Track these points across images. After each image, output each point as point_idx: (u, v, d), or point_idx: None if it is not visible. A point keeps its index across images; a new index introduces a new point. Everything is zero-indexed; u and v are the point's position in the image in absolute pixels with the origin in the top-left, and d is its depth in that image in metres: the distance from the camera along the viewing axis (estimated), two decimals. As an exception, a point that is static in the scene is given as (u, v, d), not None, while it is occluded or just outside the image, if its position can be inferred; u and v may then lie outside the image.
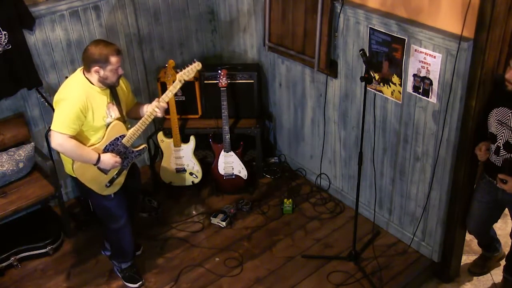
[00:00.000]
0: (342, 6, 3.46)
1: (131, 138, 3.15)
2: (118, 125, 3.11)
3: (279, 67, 4.25)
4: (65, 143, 2.89)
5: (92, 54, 2.90)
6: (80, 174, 3.06)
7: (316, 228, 3.97)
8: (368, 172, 3.82)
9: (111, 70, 2.94)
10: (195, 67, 3.21)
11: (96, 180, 3.12)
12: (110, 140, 3.09)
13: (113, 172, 3.17)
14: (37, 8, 3.65)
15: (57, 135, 2.88)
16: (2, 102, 3.74)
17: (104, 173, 3.13)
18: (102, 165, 3.05)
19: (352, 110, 3.77)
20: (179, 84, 3.19)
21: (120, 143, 3.13)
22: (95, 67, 2.92)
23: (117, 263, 3.57)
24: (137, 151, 3.25)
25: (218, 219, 4.04)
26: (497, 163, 2.97)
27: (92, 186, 3.13)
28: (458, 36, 2.87)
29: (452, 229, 3.46)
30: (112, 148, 3.11)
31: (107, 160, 3.05)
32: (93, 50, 2.91)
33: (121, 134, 3.13)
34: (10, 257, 3.66)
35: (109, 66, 2.92)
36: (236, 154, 4.19)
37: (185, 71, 3.20)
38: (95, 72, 2.94)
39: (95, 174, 3.10)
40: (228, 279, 3.57)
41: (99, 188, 3.16)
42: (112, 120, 3.07)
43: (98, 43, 2.95)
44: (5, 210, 3.57)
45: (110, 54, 2.91)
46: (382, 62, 3.34)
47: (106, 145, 3.08)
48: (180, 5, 4.42)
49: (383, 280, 3.49)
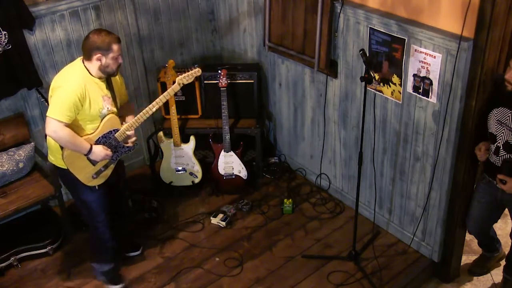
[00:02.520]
0: (342, 6, 3.46)
1: (123, 133, 3.18)
2: (114, 118, 3.13)
3: (279, 67, 4.25)
4: (59, 131, 2.89)
5: (94, 41, 2.92)
6: (69, 162, 3.05)
7: (316, 228, 3.97)
8: (368, 172, 3.82)
9: (112, 57, 2.97)
10: (195, 73, 3.32)
11: (84, 170, 3.12)
12: (103, 132, 3.10)
13: (101, 164, 3.17)
14: (37, 8, 3.65)
15: (53, 122, 2.88)
16: (2, 102, 3.74)
17: (92, 164, 3.14)
18: (93, 156, 3.06)
19: (352, 110, 3.77)
20: (178, 87, 3.29)
21: (112, 136, 3.15)
22: (97, 54, 2.93)
23: (97, 265, 3.50)
24: (127, 147, 3.26)
25: (218, 219, 4.04)
26: (497, 163, 2.97)
27: (79, 175, 3.12)
28: (458, 36, 2.87)
29: (452, 229, 3.46)
30: (104, 141, 3.12)
31: (98, 152, 3.06)
32: (96, 37, 2.93)
33: (115, 128, 3.15)
34: (10, 257, 3.66)
35: (111, 53, 2.95)
36: (236, 154, 4.19)
37: (185, 75, 3.31)
38: (96, 59, 2.95)
39: (84, 164, 3.10)
40: (228, 279, 3.57)
41: (85, 178, 3.15)
42: (107, 112, 3.08)
43: (100, 31, 2.97)
44: (5, 210, 3.58)
45: (112, 41, 2.95)
46: (382, 62, 3.34)
47: (99, 137, 3.09)
48: (180, 5, 4.42)
49: (383, 280, 3.49)
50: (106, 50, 2.93)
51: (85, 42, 2.97)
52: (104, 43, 2.92)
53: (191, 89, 4.26)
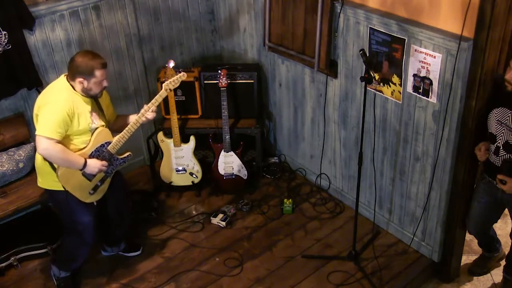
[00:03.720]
0: (342, 6, 3.46)
1: (116, 145, 3.15)
2: (104, 131, 3.11)
3: (279, 67, 4.25)
4: (51, 148, 2.85)
5: (77, 65, 2.90)
6: (64, 181, 3.02)
7: (316, 228, 3.97)
8: (368, 172, 3.82)
9: (95, 82, 2.95)
10: (180, 77, 3.30)
11: (80, 187, 3.10)
12: (96, 146, 3.08)
13: (97, 179, 3.16)
14: (37, 8, 3.65)
15: (43, 140, 2.84)
16: (2, 102, 3.74)
17: (89, 180, 3.12)
18: (88, 169, 3.03)
19: (352, 110, 3.77)
20: (165, 93, 3.27)
21: (105, 149, 3.13)
22: (79, 78, 2.92)
23: (57, 268, 3.47)
24: (121, 159, 3.25)
25: (218, 219, 4.04)
26: (497, 163, 2.97)
27: (76, 193, 3.10)
28: (458, 36, 2.87)
29: (452, 229, 3.46)
30: (98, 155, 3.10)
31: (94, 164, 3.04)
32: (79, 61, 2.90)
33: (107, 141, 3.13)
34: (10, 257, 3.65)
35: (94, 79, 2.93)
36: (236, 154, 4.19)
37: (171, 81, 3.30)
38: (79, 82, 2.93)
39: (80, 180, 3.08)
40: (228, 279, 3.57)
41: (83, 196, 3.13)
42: (97, 126, 3.06)
43: (85, 55, 2.94)
44: (5, 210, 3.58)
45: (95, 67, 2.91)
46: (382, 62, 3.34)
47: (92, 151, 3.07)
48: (180, 5, 4.42)
49: (383, 280, 3.49)
50: (88, 75, 2.90)
51: (70, 63, 2.95)
52: (87, 69, 2.89)
53: (191, 89, 4.26)
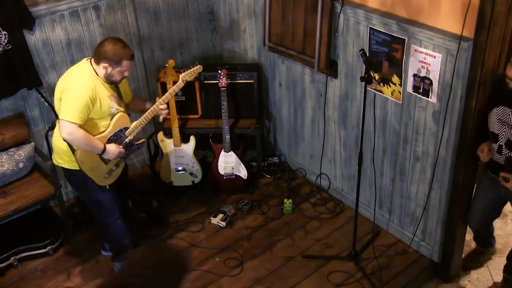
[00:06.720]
0: (342, 6, 3.46)
1: (133, 131, 3.21)
2: (124, 117, 3.16)
3: (279, 67, 4.25)
4: (75, 132, 2.90)
5: (106, 51, 2.92)
6: (82, 161, 3.06)
7: (316, 228, 3.97)
8: (368, 172, 3.82)
9: (119, 71, 2.98)
10: (197, 70, 3.39)
11: (96, 169, 3.14)
12: (115, 131, 3.13)
13: (112, 163, 3.20)
14: (37, 8, 3.65)
15: (67, 124, 2.88)
16: (2, 102, 3.74)
17: (105, 163, 3.16)
18: (107, 155, 3.08)
19: (352, 110, 3.77)
20: (182, 84, 3.34)
21: (123, 134, 3.18)
22: (104, 64, 2.94)
23: (119, 264, 3.54)
24: (137, 145, 3.31)
25: (218, 219, 4.04)
26: (500, 161, 2.98)
27: (91, 175, 3.13)
28: (458, 36, 2.87)
29: (452, 229, 3.46)
30: (116, 139, 3.15)
31: (113, 150, 3.09)
32: (110, 48, 2.92)
33: (125, 126, 3.18)
34: (10, 257, 3.65)
35: (119, 68, 2.96)
36: (236, 154, 4.19)
37: (188, 72, 3.37)
38: (103, 68, 2.96)
39: (96, 163, 3.12)
40: (228, 279, 3.57)
41: (98, 178, 3.17)
42: (116, 111, 3.10)
43: (116, 42, 2.96)
44: (5, 210, 3.58)
45: (124, 57, 2.95)
46: (382, 62, 3.34)
47: (111, 136, 3.11)
48: (180, 5, 4.41)
49: (383, 280, 3.49)
50: (116, 63, 2.94)
51: (98, 47, 2.97)
52: (115, 56, 2.92)
53: (191, 89, 4.26)
